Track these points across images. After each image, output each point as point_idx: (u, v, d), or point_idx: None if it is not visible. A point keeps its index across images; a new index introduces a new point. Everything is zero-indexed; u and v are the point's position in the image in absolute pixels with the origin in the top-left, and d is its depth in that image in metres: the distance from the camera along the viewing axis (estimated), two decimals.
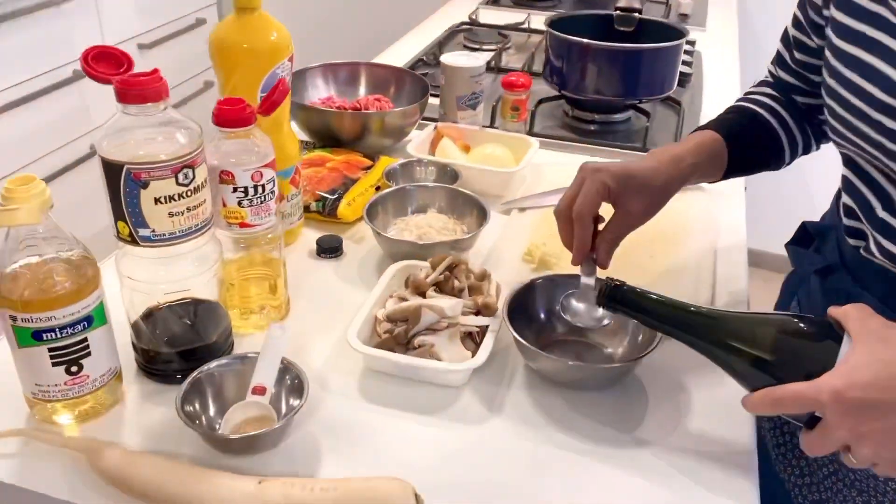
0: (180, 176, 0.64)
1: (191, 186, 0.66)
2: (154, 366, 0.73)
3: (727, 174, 0.84)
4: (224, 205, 0.74)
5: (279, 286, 0.81)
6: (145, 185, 0.63)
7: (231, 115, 0.72)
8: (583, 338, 0.80)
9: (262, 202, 0.74)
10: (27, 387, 0.66)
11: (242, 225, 0.75)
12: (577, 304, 0.75)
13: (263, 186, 0.74)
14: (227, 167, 0.72)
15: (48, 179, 1.70)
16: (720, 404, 0.73)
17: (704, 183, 0.86)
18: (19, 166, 1.67)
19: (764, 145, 0.86)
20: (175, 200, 0.65)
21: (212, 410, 0.68)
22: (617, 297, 0.68)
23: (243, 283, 0.80)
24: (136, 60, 0.66)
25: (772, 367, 0.61)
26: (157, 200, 0.64)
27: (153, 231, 0.65)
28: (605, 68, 1.24)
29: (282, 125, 0.90)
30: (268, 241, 0.78)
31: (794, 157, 0.88)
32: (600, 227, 0.76)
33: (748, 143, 0.84)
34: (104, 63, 0.65)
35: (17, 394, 0.68)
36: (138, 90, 0.62)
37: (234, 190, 0.73)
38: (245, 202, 0.74)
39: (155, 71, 0.63)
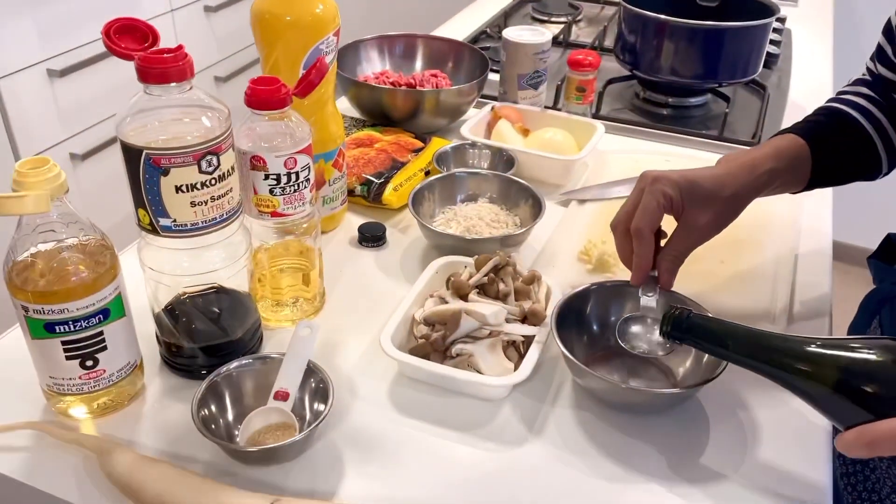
0: (203, 163, 0.59)
1: (215, 174, 0.60)
2: (177, 360, 0.69)
3: (812, 184, 0.75)
4: (255, 192, 0.68)
5: (313, 278, 0.76)
6: (165, 172, 0.59)
7: (265, 96, 0.66)
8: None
9: (295, 190, 0.69)
10: (42, 378, 0.63)
11: (274, 214, 0.69)
12: (637, 330, 0.68)
13: (297, 174, 0.68)
14: (258, 152, 0.67)
15: (92, 153, 1.70)
16: (790, 430, 0.65)
17: (785, 193, 0.77)
18: (70, 135, 1.68)
19: (856, 152, 0.76)
20: (197, 189, 0.60)
21: (230, 414, 0.63)
22: (683, 326, 0.61)
23: (275, 274, 0.75)
24: (201, 24, 0.60)
25: (870, 400, 0.52)
26: (178, 189, 0.59)
27: (174, 221, 0.61)
28: (683, 47, 1.13)
29: (325, 104, 0.84)
30: (303, 229, 0.73)
31: (892, 166, 0.78)
32: (662, 242, 0.69)
33: (838, 150, 0.75)
34: (128, 37, 0.60)
35: (36, 383, 0.65)
36: (160, 69, 0.57)
37: (266, 177, 0.67)
38: (277, 190, 0.68)
39: (179, 47, 0.58)
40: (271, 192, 0.68)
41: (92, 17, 1.67)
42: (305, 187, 0.70)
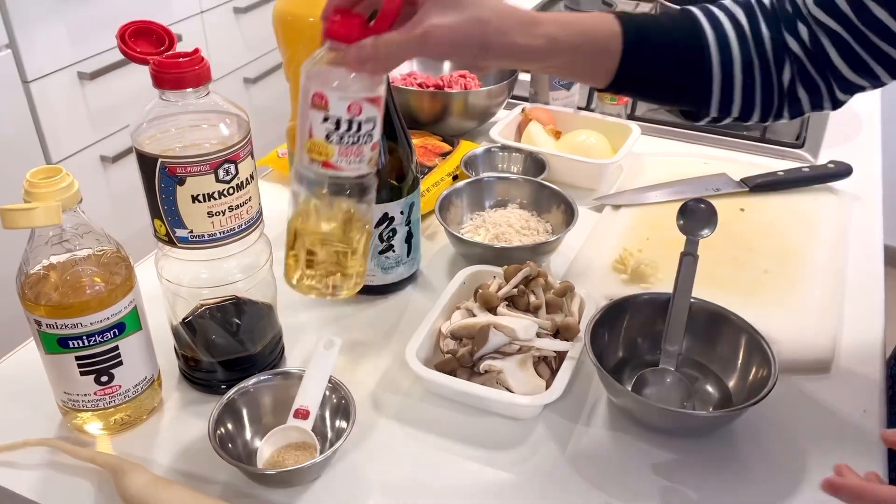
0: (220, 172, 0.57)
1: (233, 183, 0.58)
2: (196, 374, 0.67)
3: (615, 85, 0.62)
4: (310, 135, 0.57)
5: (358, 252, 0.62)
6: (181, 182, 0.56)
7: (343, 30, 0.55)
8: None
9: (354, 142, 0.57)
10: (57, 394, 0.61)
11: (326, 165, 0.57)
12: (654, 388, 0.65)
13: (360, 124, 0.57)
14: (321, 89, 0.56)
15: (122, 156, 1.69)
16: (844, 457, 0.61)
17: (586, 84, 0.65)
18: (100, 137, 1.68)
19: (681, 63, 0.62)
20: (214, 199, 0.57)
21: (249, 432, 0.61)
22: None
23: (314, 239, 0.62)
24: (230, 26, 0.57)
25: None
26: (194, 198, 0.57)
27: (191, 232, 0.58)
28: None
29: None
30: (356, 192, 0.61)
31: (727, 111, 0.64)
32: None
33: (659, 53, 0.61)
34: (143, 41, 0.58)
35: (52, 398, 0.63)
36: (176, 74, 0.55)
37: (325, 119, 0.56)
38: (334, 137, 0.56)
39: (195, 51, 0.56)
40: (327, 137, 0.57)
41: (122, 19, 1.64)
42: (367, 142, 0.58)
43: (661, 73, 0.63)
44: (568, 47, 0.59)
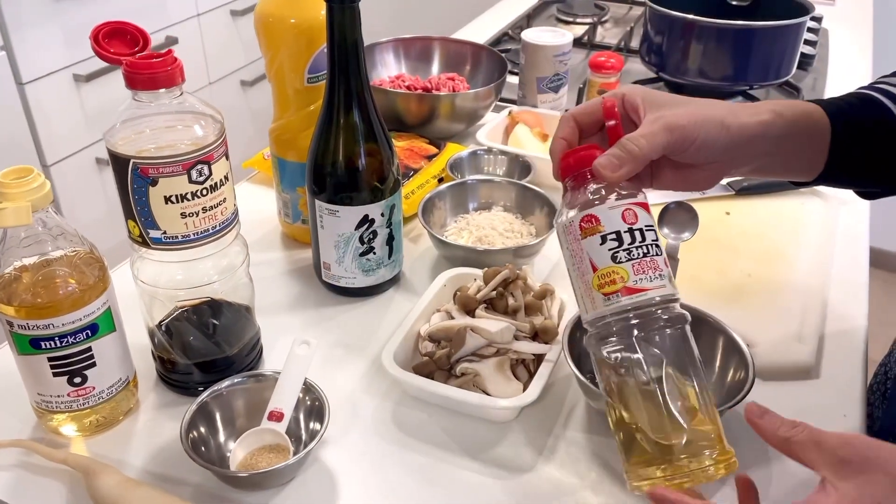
0: (193, 173, 0.57)
1: (206, 184, 0.58)
2: (172, 376, 0.67)
3: (826, 174, 0.64)
4: (594, 269, 0.52)
5: (704, 408, 0.53)
6: (154, 183, 0.56)
7: (582, 161, 0.55)
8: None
9: (644, 254, 0.52)
10: (31, 395, 0.61)
11: (627, 291, 0.52)
12: None
13: (643, 232, 0.52)
14: (587, 211, 0.53)
15: None
16: None
17: (794, 176, 0.66)
18: (95, 139, 1.68)
19: (885, 143, 0.64)
20: (188, 200, 0.57)
21: (223, 435, 0.61)
22: None
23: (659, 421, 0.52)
24: (227, 28, 0.58)
25: None
26: (167, 199, 0.57)
27: (164, 233, 0.58)
28: (712, 48, 1.08)
29: None
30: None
31: None
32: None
33: (863, 134, 0.63)
34: (117, 41, 0.58)
35: (26, 398, 0.63)
36: (148, 74, 0.55)
37: (604, 240, 0.52)
38: (622, 254, 0.52)
39: (168, 52, 0.56)
40: (614, 258, 0.52)
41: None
42: (657, 254, 0.53)
43: (873, 146, 0.64)
44: (790, 119, 0.60)
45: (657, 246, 0.52)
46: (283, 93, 0.79)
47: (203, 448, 0.59)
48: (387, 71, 1.14)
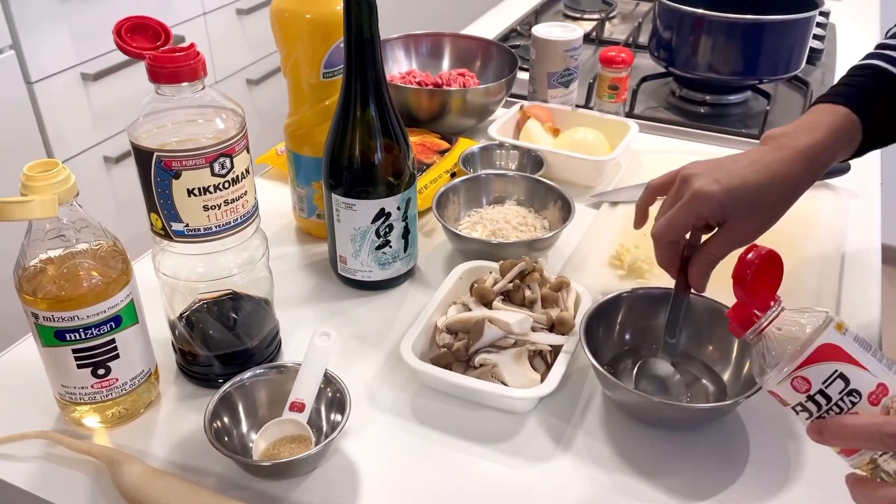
0: (216, 166, 0.57)
1: (228, 177, 0.58)
2: (193, 368, 0.67)
3: (857, 153, 0.69)
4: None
5: None
6: (177, 176, 0.57)
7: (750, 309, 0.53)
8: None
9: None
10: (55, 387, 0.62)
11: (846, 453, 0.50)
12: (651, 380, 0.65)
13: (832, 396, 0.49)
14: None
15: (126, 156, 1.70)
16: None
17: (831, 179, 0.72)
18: (103, 138, 1.68)
19: None
20: (210, 193, 0.58)
21: (245, 426, 0.61)
22: None
23: None
24: (233, 27, 0.58)
25: None
26: (190, 192, 0.57)
27: (187, 225, 0.59)
28: (722, 43, 1.09)
29: None
30: None
31: None
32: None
33: (886, 113, 0.67)
34: (139, 36, 0.58)
35: (49, 391, 0.64)
36: (171, 68, 0.55)
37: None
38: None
39: (191, 46, 0.56)
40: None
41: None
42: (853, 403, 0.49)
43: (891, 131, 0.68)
44: (830, 143, 0.65)
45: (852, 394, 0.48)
46: (298, 88, 0.80)
47: (226, 438, 0.59)
48: (398, 67, 1.15)
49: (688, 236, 0.66)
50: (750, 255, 0.54)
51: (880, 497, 0.47)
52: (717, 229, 0.64)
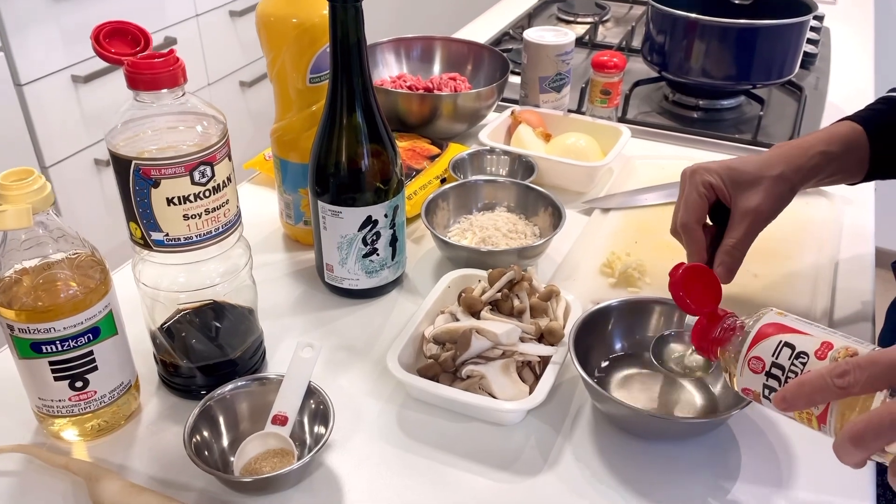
0: (196, 174, 0.56)
1: (209, 186, 0.57)
2: (175, 380, 0.66)
3: (871, 174, 0.72)
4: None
5: None
6: (156, 184, 0.55)
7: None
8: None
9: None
10: (32, 399, 0.60)
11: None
12: (675, 348, 0.63)
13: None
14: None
15: None
16: (829, 460, 0.60)
17: (842, 184, 0.74)
18: (93, 141, 1.67)
19: None
20: (190, 202, 0.57)
21: (226, 439, 0.60)
22: None
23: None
24: (226, 29, 0.57)
25: None
26: (169, 201, 0.56)
27: (167, 235, 0.58)
28: (715, 47, 1.08)
29: None
30: None
31: None
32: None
33: (893, 133, 0.70)
34: (118, 41, 0.57)
35: (27, 404, 0.62)
36: (150, 75, 0.54)
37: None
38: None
39: (170, 52, 0.55)
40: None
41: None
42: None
43: None
44: (837, 153, 0.68)
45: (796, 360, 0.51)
46: (284, 93, 0.79)
47: (206, 452, 0.58)
48: (388, 71, 1.14)
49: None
50: (677, 272, 0.57)
51: None
52: (729, 217, 0.67)
